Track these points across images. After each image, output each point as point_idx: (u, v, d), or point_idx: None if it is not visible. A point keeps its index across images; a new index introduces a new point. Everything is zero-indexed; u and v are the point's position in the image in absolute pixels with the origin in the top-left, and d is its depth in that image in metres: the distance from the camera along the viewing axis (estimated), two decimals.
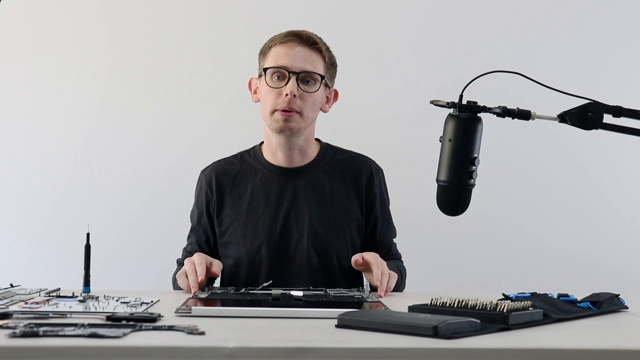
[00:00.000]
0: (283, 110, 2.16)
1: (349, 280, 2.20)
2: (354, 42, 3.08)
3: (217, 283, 2.32)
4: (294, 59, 2.18)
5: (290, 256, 2.19)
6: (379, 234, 2.28)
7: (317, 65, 2.20)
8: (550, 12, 3.19)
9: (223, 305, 1.71)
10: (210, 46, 3.15)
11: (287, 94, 2.15)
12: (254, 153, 2.31)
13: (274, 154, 2.26)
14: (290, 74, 2.16)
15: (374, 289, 2.11)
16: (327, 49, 2.25)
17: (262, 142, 2.32)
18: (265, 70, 2.20)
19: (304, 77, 2.18)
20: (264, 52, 2.24)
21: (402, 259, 2.33)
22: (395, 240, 2.34)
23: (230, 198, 2.26)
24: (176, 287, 2.13)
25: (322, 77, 2.20)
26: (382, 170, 2.34)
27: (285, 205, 2.22)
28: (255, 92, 2.28)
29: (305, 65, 2.18)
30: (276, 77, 2.19)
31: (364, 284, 1.95)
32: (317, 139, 2.32)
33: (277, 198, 2.23)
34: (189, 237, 2.31)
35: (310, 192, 2.24)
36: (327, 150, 2.31)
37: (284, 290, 1.78)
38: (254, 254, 2.19)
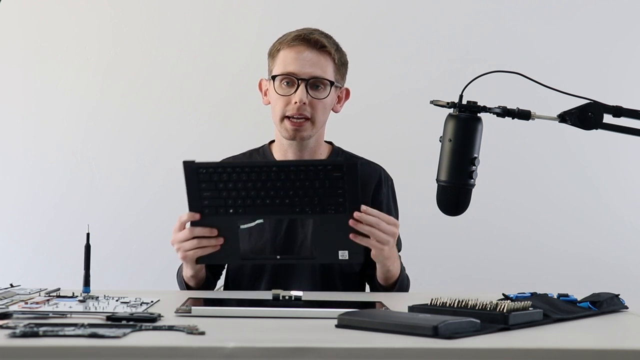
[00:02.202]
0: (293, 119, 2.15)
1: (348, 284, 2.20)
2: (351, 41, 3.08)
3: (220, 280, 2.32)
4: (302, 65, 2.14)
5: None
6: None
7: (326, 70, 2.17)
8: (551, 11, 3.19)
9: (223, 305, 1.71)
10: (210, 46, 3.15)
11: (296, 102, 2.14)
12: (263, 152, 2.31)
13: (285, 154, 2.25)
14: (299, 81, 2.14)
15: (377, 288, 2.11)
16: (337, 49, 2.21)
17: (271, 141, 2.32)
18: (273, 77, 2.17)
19: (314, 83, 2.15)
20: (272, 55, 2.21)
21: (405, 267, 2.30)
22: (400, 253, 2.31)
23: None
24: (182, 285, 2.12)
25: (332, 83, 2.18)
26: (391, 179, 2.32)
27: None
28: (265, 94, 2.25)
29: (314, 71, 2.15)
30: (285, 84, 2.16)
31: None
32: (330, 142, 2.32)
33: None
34: None
35: None
36: (339, 154, 2.30)
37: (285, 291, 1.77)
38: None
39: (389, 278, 2.08)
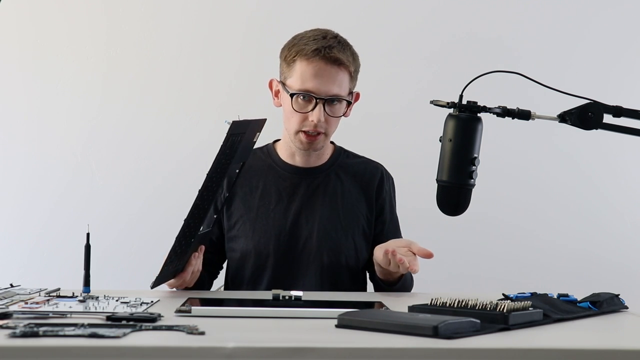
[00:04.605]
0: (308, 133, 2.15)
1: (355, 280, 2.21)
2: (351, 41, 3.08)
3: (221, 278, 2.32)
4: (320, 83, 2.11)
5: (298, 253, 2.19)
6: (386, 239, 2.26)
7: (343, 86, 2.15)
8: (551, 11, 3.19)
9: (223, 305, 1.71)
10: (211, 46, 3.15)
11: (312, 120, 2.13)
12: (268, 151, 2.31)
13: (292, 156, 2.26)
14: (317, 100, 2.12)
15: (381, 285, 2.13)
16: (353, 58, 2.19)
17: (275, 140, 2.32)
18: (291, 95, 2.13)
19: (331, 100, 2.14)
20: (287, 62, 2.16)
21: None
22: None
23: (241, 192, 2.25)
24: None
25: (349, 102, 2.19)
26: (392, 177, 2.35)
27: (297, 203, 2.22)
28: (276, 95, 2.23)
29: (332, 89, 2.12)
30: (301, 99, 2.13)
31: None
32: (332, 142, 2.33)
33: (289, 195, 2.23)
34: None
35: (322, 192, 2.24)
36: (341, 154, 2.32)
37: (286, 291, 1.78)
38: (261, 248, 2.19)
39: (389, 274, 2.12)
